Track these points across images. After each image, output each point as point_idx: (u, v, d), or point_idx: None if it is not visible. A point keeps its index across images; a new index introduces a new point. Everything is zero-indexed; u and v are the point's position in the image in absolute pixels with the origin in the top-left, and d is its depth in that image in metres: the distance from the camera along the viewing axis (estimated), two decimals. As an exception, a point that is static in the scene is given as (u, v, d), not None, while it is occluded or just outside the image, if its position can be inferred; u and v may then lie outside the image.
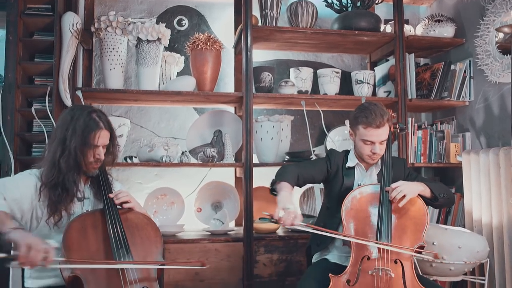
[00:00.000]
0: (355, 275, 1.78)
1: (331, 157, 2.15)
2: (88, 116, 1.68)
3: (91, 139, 1.66)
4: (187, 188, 2.98)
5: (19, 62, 2.39)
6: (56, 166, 1.64)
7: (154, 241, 1.63)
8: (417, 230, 1.87)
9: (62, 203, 1.63)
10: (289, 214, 1.75)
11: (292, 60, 3.31)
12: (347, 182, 2.09)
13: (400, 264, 1.79)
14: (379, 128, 1.97)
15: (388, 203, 1.89)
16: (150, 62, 2.68)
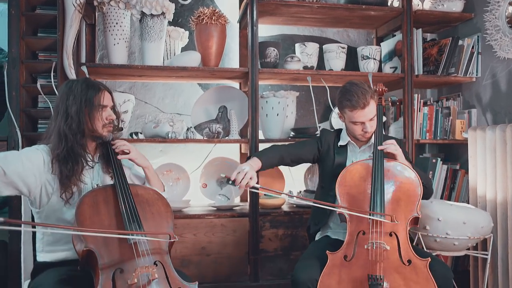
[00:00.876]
0: (351, 250, 1.81)
1: (322, 136, 2.20)
2: (84, 82, 1.72)
3: (96, 100, 1.68)
4: (192, 164, 2.99)
5: (23, 37, 2.36)
6: (63, 136, 1.64)
7: (165, 216, 1.64)
8: (410, 202, 1.89)
9: (74, 176, 1.64)
10: (244, 175, 1.81)
11: (298, 35, 3.26)
12: (338, 160, 2.12)
13: (395, 237, 1.82)
14: (364, 108, 2.00)
15: (381, 177, 1.91)
16: (154, 37, 2.64)
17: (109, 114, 1.73)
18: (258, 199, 2.65)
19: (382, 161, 1.95)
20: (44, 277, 1.56)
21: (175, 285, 1.49)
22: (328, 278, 1.77)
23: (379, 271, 1.73)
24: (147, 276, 1.43)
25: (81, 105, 1.65)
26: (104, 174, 1.78)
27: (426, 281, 1.72)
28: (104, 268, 1.43)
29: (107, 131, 1.74)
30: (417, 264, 1.76)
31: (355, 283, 1.75)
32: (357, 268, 1.77)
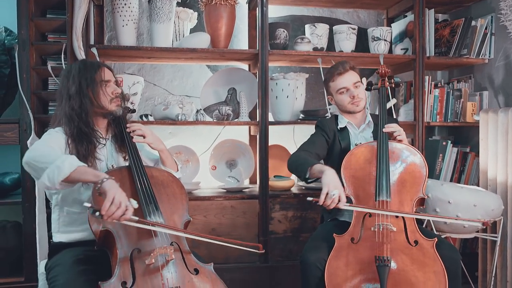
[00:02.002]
0: (358, 232, 1.82)
1: (324, 127, 2.17)
2: (82, 63, 1.74)
3: (98, 76, 1.70)
4: (201, 146, 3.00)
5: (32, 18, 2.33)
6: (69, 117, 1.66)
7: (179, 198, 1.65)
8: (416, 183, 1.89)
9: (89, 155, 1.65)
10: (334, 200, 1.72)
11: (307, 16, 3.22)
12: (344, 144, 2.12)
13: (401, 218, 1.83)
14: (343, 73, 2.09)
15: (386, 159, 1.91)
16: (163, 18, 2.61)
17: (114, 89, 1.74)
18: (267, 182, 2.66)
19: (386, 143, 1.95)
20: (61, 257, 1.58)
21: (191, 266, 1.51)
22: (336, 261, 1.78)
23: (386, 252, 1.74)
24: (164, 256, 1.44)
25: (80, 84, 1.66)
26: (118, 154, 1.79)
27: (433, 261, 1.73)
28: (122, 248, 1.45)
29: (116, 105, 1.74)
30: (424, 245, 1.77)
31: (362, 264, 1.76)
32: (364, 250, 1.78)
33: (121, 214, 1.39)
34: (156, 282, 1.40)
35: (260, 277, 2.63)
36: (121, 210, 1.39)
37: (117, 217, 1.39)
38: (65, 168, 1.42)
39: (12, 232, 2.40)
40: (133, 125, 1.78)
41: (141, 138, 1.75)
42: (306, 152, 2.06)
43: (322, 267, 1.78)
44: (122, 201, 1.40)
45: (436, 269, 1.73)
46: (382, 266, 1.72)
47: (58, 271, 1.49)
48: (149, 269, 1.42)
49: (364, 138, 2.15)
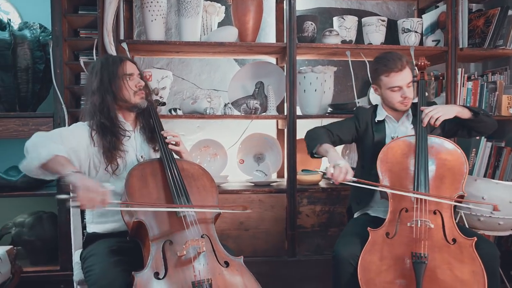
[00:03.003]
0: (393, 227, 1.79)
1: (358, 115, 2.14)
2: (104, 58, 1.77)
3: (120, 70, 1.71)
4: (229, 140, 3.01)
5: (65, 14, 2.39)
6: (92, 112, 1.69)
7: (210, 191, 1.67)
8: (456, 180, 1.84)
9: (114, 148, 1.69)
10: (341, 170, 1.76)
11: (335, 8, 3.18)
12: (377, 137, 2.07)
13: (439, 215, 1.78)
14: (401, 71, 1.97)
15: (425, 153, 1.86)
16: (191, 12, 2.63)
17: (137, 82, 1.75)
18: (295, 176, 2.65)
19: (425, 137, 1.89)
20: (96, 247, 1.63)
21: (221, 258, 1.52)
22: (370, 255, 1.76)
23: (423, 249, 1.71)
24: (195, 248, 1.46)
25: (102, 80, 1.69)
26: (147, 146, 1.81)
27: (472, 261, 1.69)
28: (154, 239, 1.48)
29: (140, 98, 1.75)
30: (463, 244, 1.72)
31: (397, 260, 1.73)
32: (399, 246, 1.75)
33: (101, 199, 1.41)
34: (188, 273, 1.42)
35: (288, 271, 2.64)
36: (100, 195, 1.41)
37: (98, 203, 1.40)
38: (42, 154, 1.48)
39: (48, 222, 2.48)
40: (169, 131, 1.79)
41: (175, 146, 1.77)
42: (327, 131, 2.08)
43: (355, 263, 1.76)
44: (97, 186, 1.42)
45: (475, 269, 1.68)
46: (418, 263, 1.69)
47: (93, 261, 1.54)
48: (181, 260, 1.44)
49: (403, 131, 2.08)
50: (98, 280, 1.42)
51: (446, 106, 1.99)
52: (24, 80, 2.43)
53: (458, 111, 1.93)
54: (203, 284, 1.39)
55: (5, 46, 2.36)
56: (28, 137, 2.35)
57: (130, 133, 1.77)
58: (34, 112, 2.53)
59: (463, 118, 1.95)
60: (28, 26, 2.50)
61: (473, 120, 1.96)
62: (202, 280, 1.40)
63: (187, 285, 1.39)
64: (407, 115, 2.10)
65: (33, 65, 2.45)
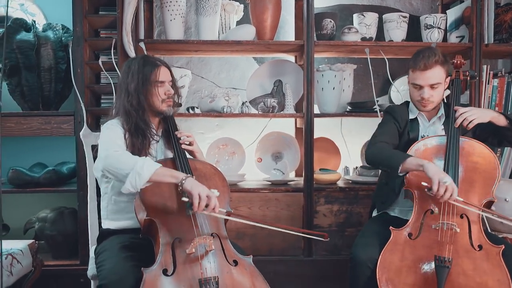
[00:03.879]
0: (417, 228, 1.74)
1: (395, 114, 2.03)
2: (142, 59, 1.78)
3: (153, 76, 1.73)
4: (247, 138, 3.01)
5: (86, 15, 2.45)
6: (128, 112, 1.72)
7: (221, 191, 1.67)
8: (487, 185, 1.77)
9: (144, 149, 1.72)
10: (447, 189, 1.62)
11: (356, 5, 3.13)
12: (412, 135, 1.99)
13: (466, 219, 1.72)
14: (425, 70, 1.87)
15: (456, 155, 1.79)
16: (209, 11, 2.64)
17: (167, 89, 1.77)
18: (312, 175, 2.63)
19: (457, 138, 1.82)
20: (109, 243, 1.66)
21: (230, 257, 1.53)
22: (391, 255, 1.72)
23: (448, 253, 1.65)
24: (204, 246, 1.47)
25: (138, 82, 1.71)
26: (166, 150, 1.84)
27: (499, 269, 1.62)
28: (164, 237, 1.50)
29: (167, 105, 1.78)
30: (489, 251, 1.66)
31: (419, 262, 1.69)
32: (422, 248, 1.70)
33: (213, 206, 1.49)
34: (195, 271, 1.43)
35: (304, 271, 2.62)
36: (213, 202, 1.49)
37: (210, 209, 1.49)
38: (145, 174, 1.49)
39: (69, 218, 2.55)
40: (183, 132, 1.81)
41: (189, 146, 1.79)
42: (384, 143, 1.93)
43: (372, 266, 1.72)
44: (209, 195, 1.49)
45: (501, 278, 1.62)
46: (442, 267, 1.64)
47: (105, 256, 1.57)
48: (190, 258, 1.46)
49: (433, 131, 2.00)
50: (108, 275, 1.45)
51: (481, 109, 1.89)
52: (47, 80, 2.50)
53: (493, 116, 1.84)
54: (209, 282, 1.40)
55: (29, 47, 2.44)
56: (50, 135, 2.48)
57: (157, 138, 1.81)
58: (57, 110, 2.60)
59: (497, 125, 1.86)
60: (52, 27, 2.58)
61: (509, 128, 1.86)
62: (209, 277, 1.41)
63: (195, 282, 1.41)
64: (440, 116, 2.01)
65: (55, 65, 2.52)
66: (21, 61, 2.45)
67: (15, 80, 2.49)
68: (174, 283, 1.41)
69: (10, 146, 2.76)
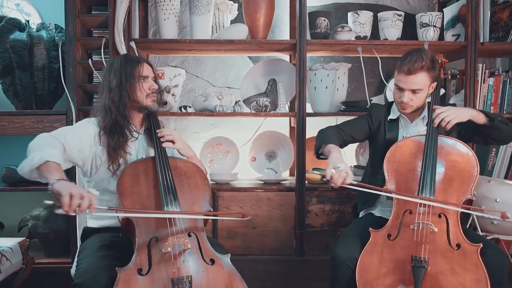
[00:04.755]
0: (396, 229, 1.73)
1: (372, 112, 2.07)
2: (123, 57, 1.79)
3: (136, 71, 1.75)
4: (242, 137, 3.01)
5: (78, 15, 2.46)
6: (107, 109, 1.72)
7: (202, 189, 1.67)
8: (465, 183, 1.75)
9: (119, 148, 1.72)
10: (340, 173, 1.68)
11: (352, 3, 3.10)
12: (389, 136, 2.00)
13: (444, 218, 1.71)
14: (409, 74, 1.85)
15: (434, 154, 1.78)
16: (202, 10, 2.64)
17: (151, 84, 1.79)
18: (304, 174, 2.62)
19: (435, 137, 1.81)
20: (90, 242, 1.68)
21: (207, 256, 1.53)
22: (369, 256, 1.71)
23: (423, 253, 1.64)
24: (180, 246, 1.47)
25: (121, 78, 1.72)
26: (149, 147, 1.84)
27: (476, 268, 1.60)
28: (141, 236, 1.51)
29: (151, 100, 1.79)
30: (467, 250, 1.64)
31: (397, 263, 1.68)
32: (400, 248, 1.69)
33: (87, 204, 1.38)
34: (169, 270, 1.44)
35: (296, 270, 2.61)
36: (87, 200, 1.38)
37: (84, 208, 1.38)
38: (35, 160, 1.48)
39: (61, 216, 2.55)
40: (164, 130, 1.80)
41: (170, 144, 1.78)
42: (339, 130, 2.02)
43: (353, 266, 1.72)
44: (82, 192, 1.39)
45: (478, 277, 1.60)
46: (418, 267, 1.64)
47: (84, 255, 1.58)
48: (165, 257, 1.46)
49: (415, 133, 2.00)
50: (83, 274, 1.46)
51: (460, 108, 1.87)
52: (40, 79, 2.53)
53: (472, 115, 1.83)
54: (182, 281, 1.40)
55: (23, 46, 2.47)
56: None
57: (137, 135, 1.81)
58: (50, 109, 2.62)
59: (478, 123, 1.85)
60: (45, 27, 2.60)
61: (488, 126, 1.85)
62: (182, 277, 1.41)
63: (168, 281, 1.41)
64: (423, 117, 2.00)
65: (49, 64, 2.55)
66: (15, 61, 2.48)
67: (9, 79, 2.52)
68: (148, 282, 1.41)
69: (5, 145, 2.79)
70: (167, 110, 2.66)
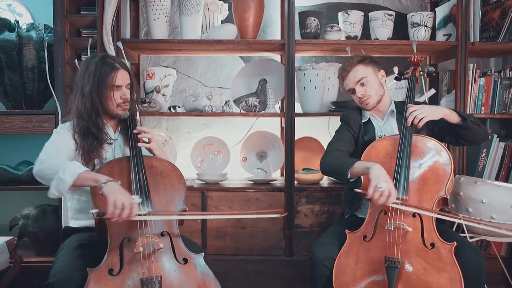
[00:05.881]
0: (371, 230, 1.73)
1: (348, 120, 2.08)
2: (100, 60, 1.74)
3: (109, 80, 1.71)
4: (234, 137, 3.01)
5: (66, 15, 2.48)
6: (80, 114, 1.72)
7: (177, 188, 1.67)
8: (439, 181, 1.74)
9: (94, 151, 1.72)
10: (382, 194, 1.63)
11: (344, 3, 3.09)
12: (367, 138, 2.01)
13: (418, 218, 1.69)
14: (347, 74, 1.99)
15: (408, 153, 1.77)
16: (191, 10, 2.65)
17: (123, 94, 1.75)
18: (293, 174, 2.61)
19: (409, 136, 1.81)
20: (68, 241, 1.68)
21: (180, 255, 1.53)
22: (346, 258, 1.71)
23: (396, 253, 1.64)
24: (152, 245, 1.48)
25: (93, 84, 1.70)
26: (125, 147, 1.84)
27: (450, 267, 1.60)
28: (113, 235, 1.51)
29: (122, 110, 1.76)
30: (441, 249, 1.64)
31: (372, 264, 1.67)
32: (375, 249, 1.69)
33: (127, 214, 1.44)
34: (139, 270, 1.44)
35: (285, 271, 2.60)
36: (127, 210, 1.43)
37: (125, 218, 1.44)
38: (67, 179, 1.48)
39: (51, 215, 2.59)
40: (142, 128, 1.79)
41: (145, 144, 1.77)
42: (338, 151, 1.98)
43: (330, 266, 1.72)
44: (125, 201, 1.44)
45: (453, 275, 1.60)
46: (391, 267, 1.64)
47: (60, 254, 1.59)
48: (137, 257, 1.46)
49: (389, 129, 2.03)
50: (56, 273, 1.47)
51: (432, 107, 1.89)
52: (30, 79, 2.55)
53: (445, 114, 1.83)
54: (151, 281, 1.40)
55: (12, 46, 2.49)
56: (32, 133, 2.51)
57: (112, 141, 1.80)
58: (40, 109, 2.64)
59: (450, 123, 1.85)
60: (35, 27, 2.62)
61: (460, 126, 1.85)
62: (151, 277, 1.41)
63: (137, 281, 1.41)
64: (390, 112, 2.04)
65: (38, 65, 2.56)
66: (4, 61, 2.50)
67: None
68: (119, 283, 1.42)
69: (-3, 144, 2.83)
70: (156, 110, 2.67)
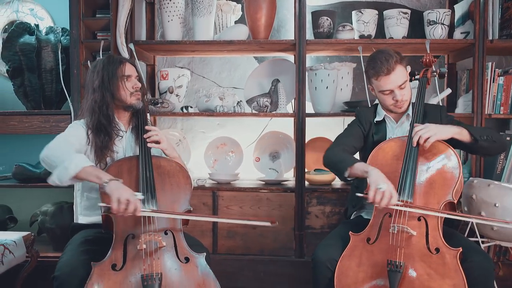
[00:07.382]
0: (375, 233, 1.70)
1: (360, 117, 2.04)
2: (106, 58, 1.82)
3: (119, 72, 1.78)
4: (248, 138, 3.02)
5: (82, 18, 2.55)
6: (92, 110, 1.77)
7: (183, 188, 1.70)
8: (446, 185, 1.69)
9: (107, 148, 1.76)
10: (383, 195, 1.61)
11: (359, 1, 3.05)
12: (377, 138, 1.96)
13: (424, 222, 1.65)
14: (390, 74, 1.84)
15: (414, 156, 1.73)
16: (203, 11, 2.67)
17: (134, 83, 1.82)
18: (304, 175, 2.60)
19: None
20: (76, 237, 1.74)
21: (182, 254, 1.55)
22: (348, 260, 1.69)
23: (399, 257, 1.60)
24: (155, 243, 1.50)
25: (103, 78, 1.76)
26: (136, 146, 1.88)
27: (454, 273, 1.55)
28: (119, 232, 1.55)
29: (136, 99, 1.82)
30: (446, 254, 1.59)
31: (375, 267, 1.65)
32: (379, 252, 1.66)
33: (133, 209, 1.48)
34: (141, 266, 1.47)
35: (295, 272, 2.59)
36: (132, 205, 1.48)
37: (130, 213, 1.48)
38: (71, 169, 1.53)
39: (68, 212, 2.67)
40: (150, 131, 1.81)
41: (155, 144, 1.80)
42: (343, 145, 1.96)
43: (332, 268, 1.70)
44: (129, 198, 1.48)
45: (457, 282, 1.55)
46: (393, 271, 1.60)
47: (67, 249, 1.64)
48: (139, 254, 1.49)
49: (402, 133, 1.97)
50: (62, 267, 1.52)
51: (441, 126, 1.78)
52: (48, 80, 2.64)
53: (454, 133, 1.76)
54: (152, 278, 1.42)
55: (31, 49, 2.58)
56: (49, 133, 2.60)
57: (123, 133, 1.85)
58: (58, 109, 2.73)
59: (462, 141, 1.78)
60: (53, 30, 2.71)
61: (472, 145, 1.78)
62: (152, 273, 1.44)
63: (138, 278, 1.44)
64: (407, 115, 1.98)
65: (56, 67, 2.65)
66: (24, 63, 2.59)
67: (19, 81, 2.64)
68: (121, 278, 1.45)
69: (15, 144, 2.93)
70: (169, 110, 2.71)
